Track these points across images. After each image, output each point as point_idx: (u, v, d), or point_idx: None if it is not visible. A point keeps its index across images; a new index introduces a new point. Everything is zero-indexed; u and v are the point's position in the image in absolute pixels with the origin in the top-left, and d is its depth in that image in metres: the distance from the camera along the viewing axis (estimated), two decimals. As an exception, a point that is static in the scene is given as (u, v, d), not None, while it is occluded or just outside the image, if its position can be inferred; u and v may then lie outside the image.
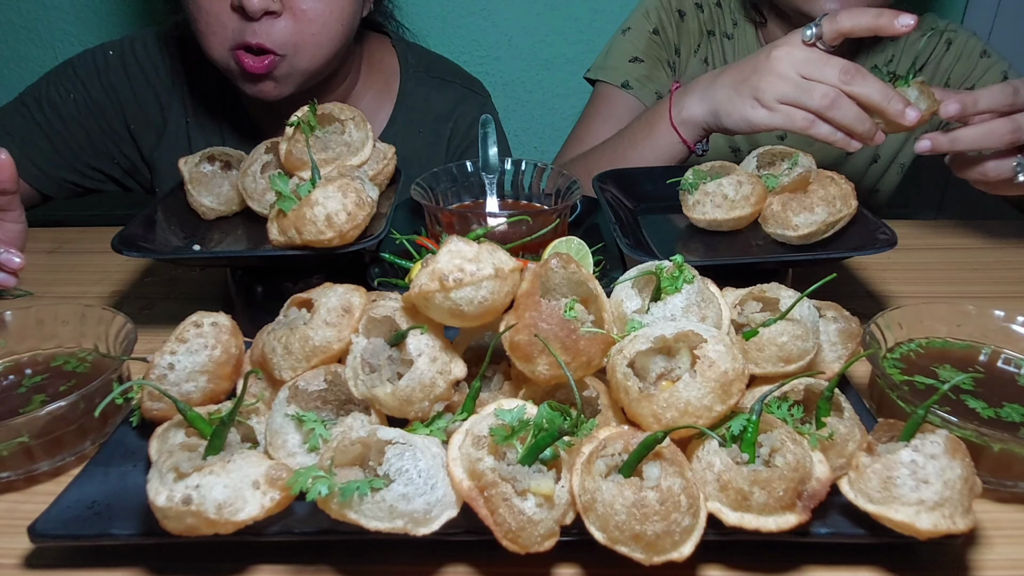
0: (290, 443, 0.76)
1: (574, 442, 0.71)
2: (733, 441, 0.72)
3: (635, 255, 1.02)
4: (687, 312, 0.81)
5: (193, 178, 1.18)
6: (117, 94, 1.60)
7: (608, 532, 0.67)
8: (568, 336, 0.75)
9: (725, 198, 1.14)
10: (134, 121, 1.62)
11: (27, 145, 1.55)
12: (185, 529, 0.68)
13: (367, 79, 1.70)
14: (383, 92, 1.71)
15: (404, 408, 0.76)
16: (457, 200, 1.34)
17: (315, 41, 1.38)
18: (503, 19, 2.41)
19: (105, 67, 1.60)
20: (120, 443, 0.84)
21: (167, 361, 0.82)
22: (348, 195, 0.99)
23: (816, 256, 1.10)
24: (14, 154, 1.48)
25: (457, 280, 0.74)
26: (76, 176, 1.63)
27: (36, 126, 1.56)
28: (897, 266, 1.36)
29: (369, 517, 0.66)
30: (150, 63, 1.62)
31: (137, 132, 1.63)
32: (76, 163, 1.62)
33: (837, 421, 0.75)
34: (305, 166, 1.12)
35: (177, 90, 1.63)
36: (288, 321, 0.84)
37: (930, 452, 0.69)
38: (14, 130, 1.55)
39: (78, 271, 1.39)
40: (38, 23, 2.27)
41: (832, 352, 0.91)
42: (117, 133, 1.62)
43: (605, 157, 1.55)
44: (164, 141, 1.62)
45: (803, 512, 0.69)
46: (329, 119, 1.15)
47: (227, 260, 1.15)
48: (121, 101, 1.60)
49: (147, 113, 1.62)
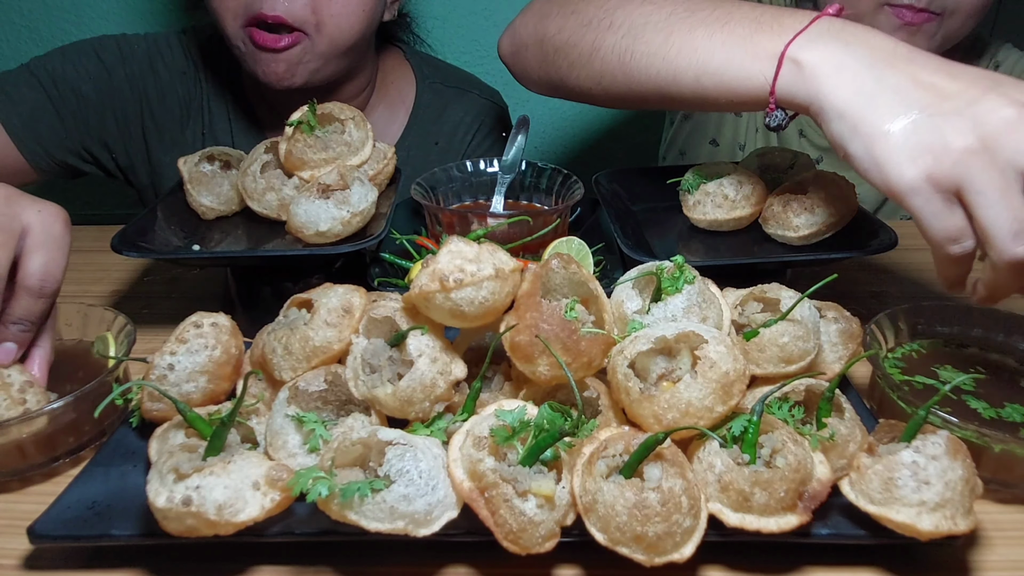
0: (290, 444, 0.76)
1: (575, 443, 0.71)
2: (734, 442, 0.72)
3: (635, 255, 1.02)
4: (688, 313, 0.81)
5: (193, 178, 1.18)
6: (141, 88, 1.56)
7: (609, 533, 0.67)
8: (569, 337, 0.74)
9: (726, 198, 1.14)
10: (150, 120, 1.59)
11: (34, 119, 1.47)
12: (185, 530, 0.67)
13: (380, 90, 1.70)
14: (396, 103, 1.71)
15: (404, 409, 0.76)
16: (457, 200, 1.34)
17: (335, 23, 1.35)
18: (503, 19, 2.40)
19: (131, 57, 1.56)
20: (120, 444, 0.84)
21: (167, 361, 0.82)
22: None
23: (817, 256, 1.09)
24: (18, 127, 1.44)
25: (458, 280, 0.74)
26: (74, 159, 1.56)
27: (48, 101, 1.47)
28: (898, 266, 1.36)
29: (370, 518, 0.66)
30: (177, 68, 1.60)
31: (150, 132, 1.59)
32: (79, 146, 1.56)
33: (838, 422, 0.75)
34: (305, 166, 1.12)
35: (197, 100, 1.61)
36: (288, 321, 0.84)
37: (931, 453, 0.69)
38: (20, 100, 1.45)
39: (78, 271, 1.37)
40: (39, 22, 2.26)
41: (833, 353, 0.91)
42: (129, 127, 1.58)
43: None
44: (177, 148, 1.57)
45: (804, 513, 0.69)
46: (329, 119, 1.15)
47: (227, 260, 1.15)
48: (144, 96, 1.57)
49: (167, 115, 1.60)
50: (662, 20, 0.96)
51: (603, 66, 1.02)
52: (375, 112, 1.68)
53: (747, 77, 0.89)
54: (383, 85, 1.70)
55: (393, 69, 1.73)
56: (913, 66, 0.82)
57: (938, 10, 1.39)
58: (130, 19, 2.26)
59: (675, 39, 0.94)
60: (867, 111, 0.80)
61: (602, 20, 1.02)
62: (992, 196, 0.75)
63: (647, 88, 0.99)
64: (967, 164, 0.75)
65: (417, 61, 1.75)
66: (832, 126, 0.84)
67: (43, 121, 1.49)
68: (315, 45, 1.36)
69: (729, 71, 0.90)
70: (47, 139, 1.50)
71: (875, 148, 0.80)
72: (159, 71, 1.58)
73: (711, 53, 0.91)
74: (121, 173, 1.66)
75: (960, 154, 0.76)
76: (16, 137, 1.46)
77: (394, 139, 1.67)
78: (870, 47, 0.84)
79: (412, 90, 1.72)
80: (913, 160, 0.77)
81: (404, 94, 1.72)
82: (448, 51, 2.25)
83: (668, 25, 0.95)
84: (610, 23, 1.01)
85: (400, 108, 1.71)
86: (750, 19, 0.91)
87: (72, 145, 1.55)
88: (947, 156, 0.76)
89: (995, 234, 0.75)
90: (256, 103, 1.63)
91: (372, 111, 1.68)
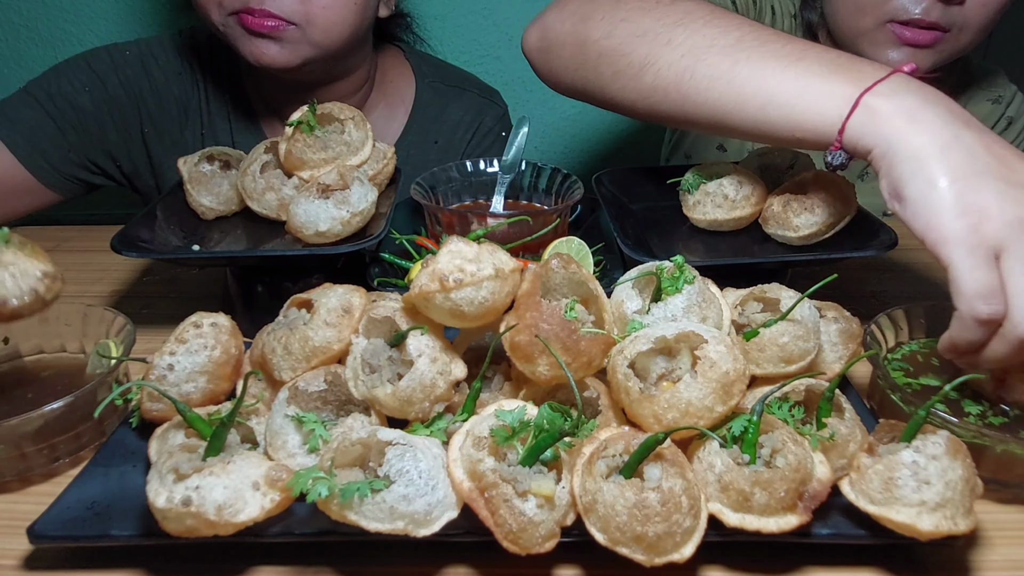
0: (290, 444, 0.76)
1: (575, 443, 0.71)
2: (734, 442, 0.72)
3: (635, 255, 1.02)
4: (688, 312, 0.81)
5: (192, 178, 1.17)
6: (136, 92, 1.56)
7: (609, 533, 0.67)
8: (569, 337, 0.74)
9: (726, 198, 1.14)
10: (149, 124, 1.59)
11: (36, 137, 1.49)
12: (185, 530, 0.67)
13: (379, 89, 1.69)
14: (396, 102, 1.70)
15: (404, 409, 0.76)
16: (457, 200, 1.34)
17: (326, 15, 1.34)
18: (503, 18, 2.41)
19: (123, 63, 1.56)
20: (120, 444, 0.84)
21: (166, 362, 0.82)
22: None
23: (817, 256, 1.09)
24: (21, 145, 1.46)
25: (457, 280, 0.74)
26: (83, 173, 1.58)
27: (48, 118, 1.50)
28: (898, 266, 1.36)
29: (369, 518, 0.66)
30: (172, 69, 1.59)
31: (150, 136, 1.60)
32: (85, 159, 1.57)
33: (838, 422, 0.75)
34: (305, 166, 1.12)
35: (195, 101, 1.61)
36: (288, 321, 0.84)
37: (931, 453, 0.69)
38: (21, 121, 1.48)
39: (78, 270, 1.38)
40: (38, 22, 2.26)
41: (833, 353, 0.91)
42: (130, 133, 1.59)
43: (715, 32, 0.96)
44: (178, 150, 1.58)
45: (804, 513, 0.69)
46: (329, 118, 1.15)
47: (227, 260, 1.15)
48: (140, 101, 1.57)
49: (165, 119, 1.59)
50: (729, 45, 0.95)
51: (656, 82, 0.99)
52: (374, 111, 1.68)
53: (818, 113, 0.88)
54: (382, 84, 1.70)
55: (392, 68, 1.73)
56: (987, 136, 0.83)
57: (947, 26, 1.36)
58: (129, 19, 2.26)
59: (743, 67, 0.93)
60: (938, 158, 0.80)
61: (660, 34, 0.99)
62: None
63: (703, 111, 0.97)
64: (1016, 230, 0.76)
65: (416, 60, 1.75)
66: (897, 168, 0.82)
67: (45, 138, 1.51)
68: (308, 34, 1.35)
69: (800, 105, 0.90)
70: (52, 155, 1.52)
71: (933, 194, 0.79)
72: (153, 74, 1.58)
73: (782, 85, 0.91)
74: (127, 180, 1.67)
75: (1012, 220, 0.76)
76: (22, 157, 1.48)
77: (393, 138, 1.67)
78: (947, 107, 0.84)
79: (411, 89, 1.72)
80: (965, 213, 0.77)
81: (403, 93, 1.71)
82: (448, 50, 2.25)
83: (736, 51, 0.94)
84: (669, 39, 0.99)
85: (399, 107, 1.70)
86: (826, 60, 0.91)
87: (77, 159, 1.56)
88: (1000, 218, 0.76)
89: (1019, 303, 0.75)
90: (255, 103, 1.63)
91: (371, 110, 1.67)
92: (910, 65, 0.90)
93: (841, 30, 1.48)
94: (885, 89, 0.86)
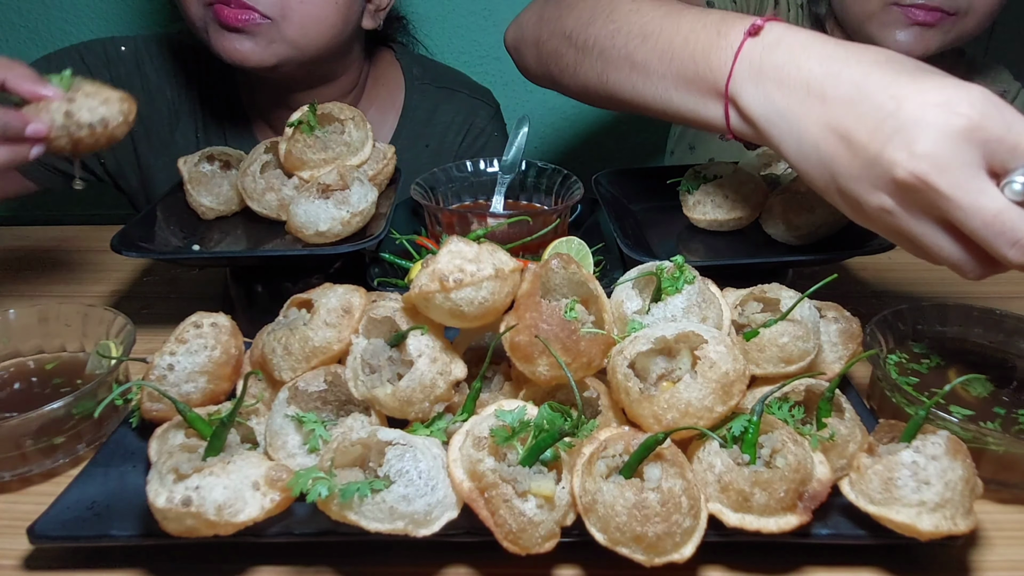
0: (290, 444, 0.76)
1: (575, 443, 0.71)
2: (734, 442, 0.72)
3: (635, 255, 1.02)
4: (688, 313, 0.81)
5: (192, 178, 1.18)
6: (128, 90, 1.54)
7: (609, 533, 0.67)
8: (569, 337, 0.74)
9: (726, 198, 1.14)
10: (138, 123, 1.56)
11: None
12: (185, 530, 0.67)
13: (371, 93, 1.69)
14: (387, 104, 1.70)
15: (404, 409, 0.76)
16: (457, 200, 1.34)
17: (303, 10, 1.33)
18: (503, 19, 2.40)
19: (117, 60, 1.55)
20: (120, 444, 0.84)
21: (166, 362, 0.82)
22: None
23: (817, 256, 1.09)
24: None
25: (457, 281, 0.74)
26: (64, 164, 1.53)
27: None
28: (898, 266, 1.36)
29: (369, 518, 0.66)
30: (165, 69, 1.58)
31: (138, 134, 1.59)
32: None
33: (838, 422, 0.75)
34: (305, 166, 1.12)
35: (188, 102, 1.60)
36: (288, 322, 0.84)
37: (931, 453, 0.69)
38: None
39: (78, 270, 1.38)
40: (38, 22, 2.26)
41: (833, 353, 0.91)
42: None
43: (608, 36, 1.01)
44: (171, 149, 1.58)
45: (804, 513, 0.69)
46: (329, 119, 1.15)
47: (227, 260, 1.15)
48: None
49: (155, 119, 1.58)
50: (621, 48, 1.01)
51: (586, 82, 1.09)
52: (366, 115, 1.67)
53: (706, 121, 0.94)
54: (374, 87, 1.69)
55: (384, 71, 1.72)
56: (849, 85, 0.79)
57: (952, 10, 1.38)
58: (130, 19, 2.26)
59: (637, 73, 1.00)
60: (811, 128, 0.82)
61: (579, 36, 1.08)
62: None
63: (628, 109, 1.06)
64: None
65: (407, 62, 1.74)
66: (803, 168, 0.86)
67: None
68: (282, 30, 1.32)
69: (687, 111, 0.95)
70: None
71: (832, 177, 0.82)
72: (147, 73, 1.57)
73: (668, 93, 0.96)
74: (110, 178, 1.65)
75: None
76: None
77: (385, 140, 1.66)
78: (796, 69, 0.83)
79: (401, 92, 1.71)
80: (870, 192, 0.79)
81: (394, 96, 1.70)
82: (447, 52, 2.25)
83: (628, 54, 1.00)
84: (584, 41, 1.07)
85: (390, 111, 1.70)
86: (688, 55, 0.93)
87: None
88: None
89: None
90: (248, 107, 1.62)
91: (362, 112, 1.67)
92: (766, 18, 0.89)
93: (848, 15, 1.50)
94: (741, 71, 0.88)
